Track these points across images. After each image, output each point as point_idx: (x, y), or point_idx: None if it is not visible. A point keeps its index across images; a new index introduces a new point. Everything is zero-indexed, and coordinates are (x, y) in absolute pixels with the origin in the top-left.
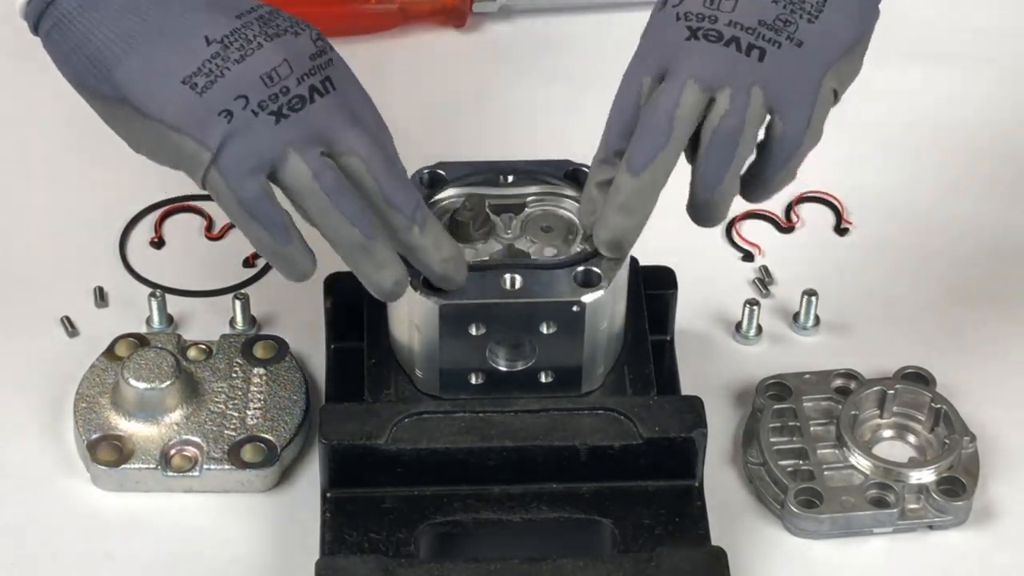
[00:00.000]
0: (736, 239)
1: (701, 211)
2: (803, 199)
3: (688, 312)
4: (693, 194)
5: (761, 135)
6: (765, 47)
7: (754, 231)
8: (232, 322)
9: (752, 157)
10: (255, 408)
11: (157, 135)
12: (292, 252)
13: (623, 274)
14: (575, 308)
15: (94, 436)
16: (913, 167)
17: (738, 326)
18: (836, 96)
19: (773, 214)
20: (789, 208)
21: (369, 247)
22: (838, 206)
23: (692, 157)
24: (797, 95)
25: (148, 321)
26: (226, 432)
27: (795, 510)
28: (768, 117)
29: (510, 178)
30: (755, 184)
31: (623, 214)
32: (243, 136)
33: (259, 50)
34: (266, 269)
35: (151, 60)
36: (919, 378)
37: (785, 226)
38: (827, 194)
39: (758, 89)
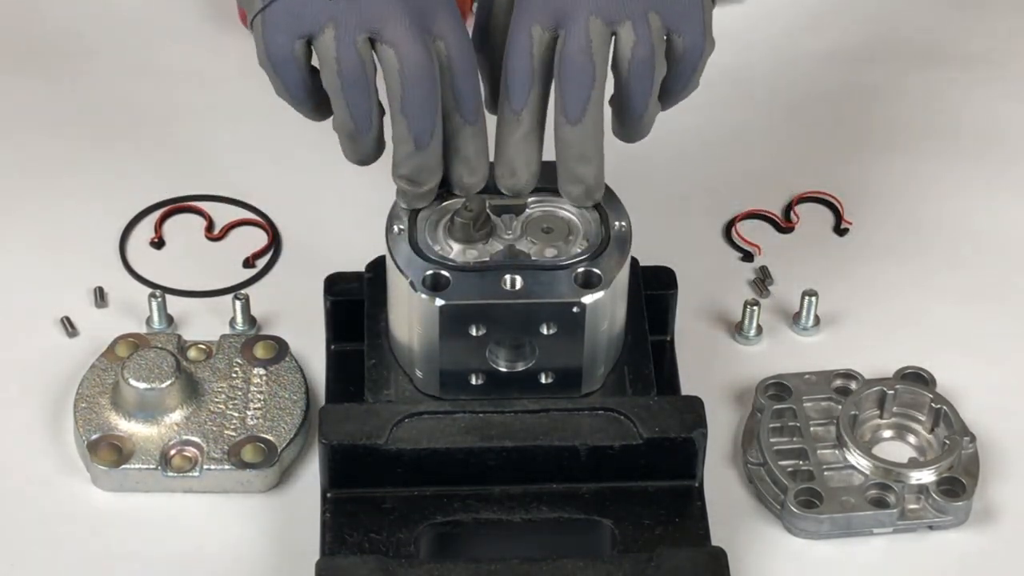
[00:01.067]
0: (736, 239)
1: (631, 133)
2: (803, 199)
3: (688, 312)
4: (622, 122)
5: None
6: None
7: (754, 231)
8: (232, 322)
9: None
10: (255, 408)
11: None
12: (311, 114)
13: (623, 275)
14: (575, 309)
15: (94, 436)
16: (914, 167)
17: (738, 326)
18: (713, 1)
19: (772, 214)
20: (789, 208)
21: (355, 137)
22: (838, 206)
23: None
24: (688, 10)
25: (148, 321)
26: (226, 432)
27: (795, 510)
28: (666, 37)
29: None
30: (666, 99)
31: (582, 163)
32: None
33: None
34: (266, 270)
35: None
36: (919, 378)
37: (785, 226)
38: (827, 194)
39: (654, 14)
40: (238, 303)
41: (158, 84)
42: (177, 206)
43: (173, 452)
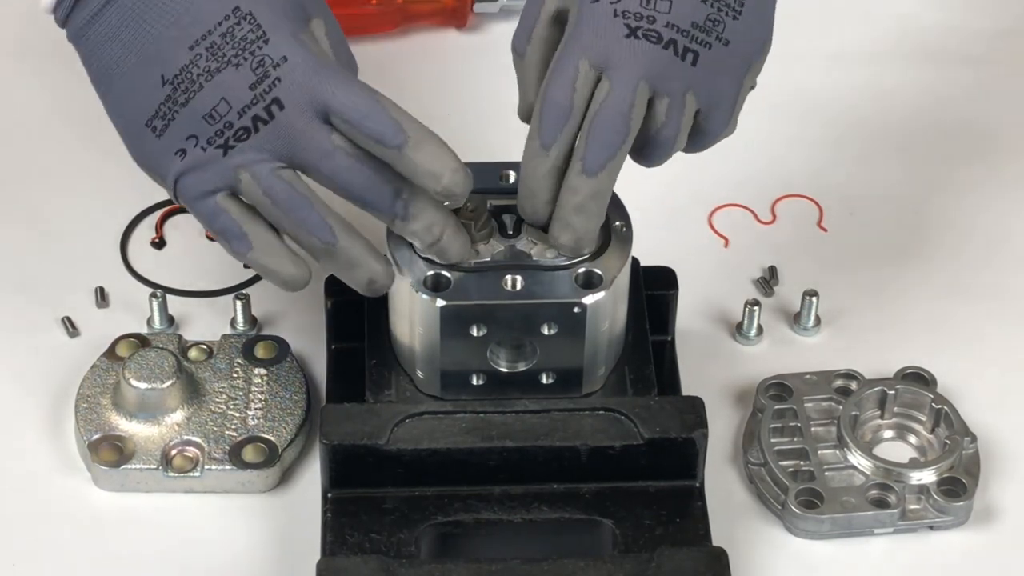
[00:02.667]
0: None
1: (643, 164)
2: (783, 198)
3: (689, 312)
4: (634, 160)
5: None
6: (698, 50)
7: (754, 232)
8: (233, 322)
9: None
10: (256, 408)
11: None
12: (260, 260)
13: (624, 275)
14: (576, 309)
15: (95, 436)
16: (914, 167)
17: (739, 326)
18: (752, 87)
19: (749, 208)
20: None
21: (332, 251)
22: (818, 207)
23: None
24: (724, 96)
25: (149, 321)
26: (227, 432)
27: (796, 510)
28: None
29: (512, 179)
30: (673, 153)
31: (582, 216)
32: (195, 170)
33: (200, 91)
34: None
35: (123, 96)
36: (920, 378)
37: (765, 223)
38: (806, 196)
39: (691, 96)
40: (239, 303)
41: None
42: (178, 206)
43: (174, 452)
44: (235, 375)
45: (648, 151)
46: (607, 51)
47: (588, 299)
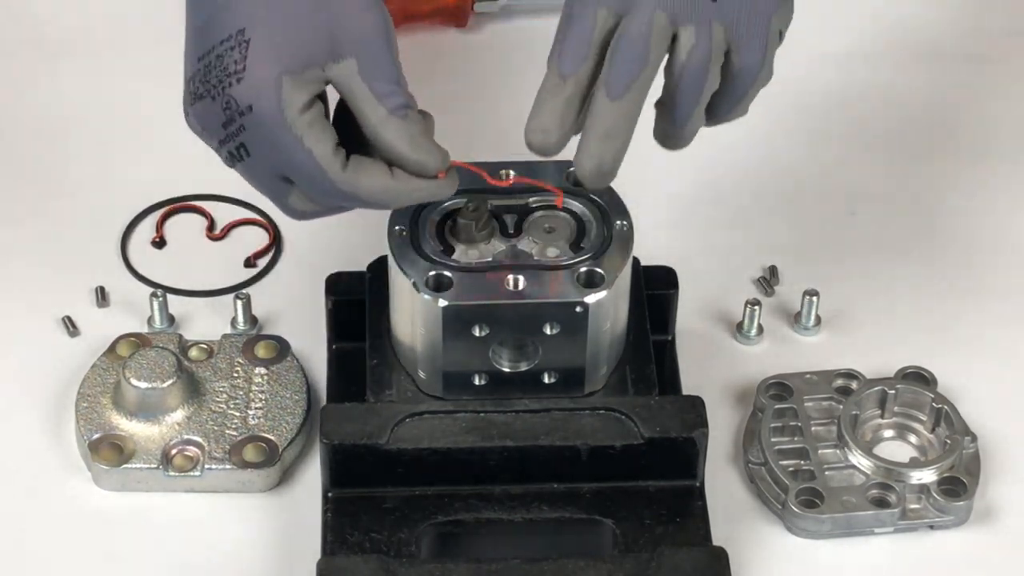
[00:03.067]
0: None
1: (671, 141)
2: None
3: (689, 312)
4: (665, 127)
5: None
6: None
7: (755, 231)
8: (233, 322)
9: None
10: (256, 408)
11: None
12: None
13: (625, 274)
14: (578, 309)
15: (95, 436)
16: (914, 167)
17: (739, 326)
18: (781, 36)
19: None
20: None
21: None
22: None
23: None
24: (753, 32)
25: (149, 321)
26: (227, 432)
27: (796, 510)
28: (725, 53)
29: (512, 178)
30: (711, 116)
31: (607, 140)
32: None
33: (193, 107)
34: (267, 269)
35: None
36: (920, 378)
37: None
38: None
39: (719, 25)
40: (239, 303)
41: (158, 84)
42: (178, 206)
43: (174, 452)
44: (235, 375)
45: (683, 87)
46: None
47: (590, 298)
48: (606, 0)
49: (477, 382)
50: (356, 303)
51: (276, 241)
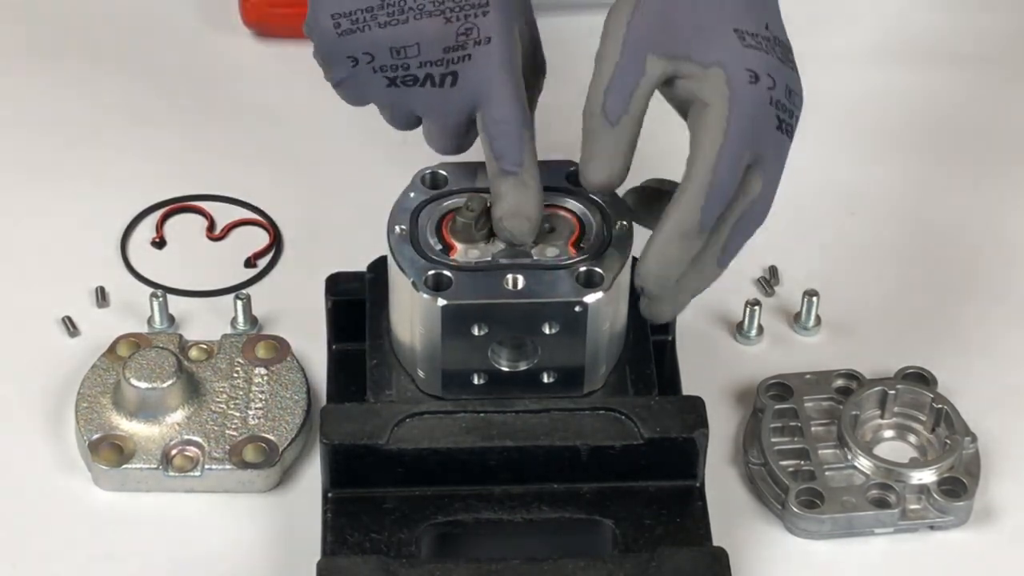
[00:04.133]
0: None
1: (703, 284)
2: None
3: (689, 312)
4: (705, 267)
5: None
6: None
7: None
8: (233, 322)
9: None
10: (256, 408)
11: None
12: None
13: (625, 274)
14: (577, 308)
15: (95, 436)
16: (914, 167)
17: (739, 326)
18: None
19: None
20: None
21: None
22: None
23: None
24: (779, 166)
25: (149, 321)
26: (227, 432)
27: (796, 510)
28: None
29: None
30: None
31: (690, 296)
32: (358, 83)
33: (401, 24)
34: (267, 269)
35: None
36: (920, 378)
37: None
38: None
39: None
40: (239, 303)
41: (158, 84)
42: (178, 206)
43: (174, 452)
44: (236, 375)
45: (750, 223)
46: (761, 142)
47: (589, 298)
48: (750, 142)
49: (476, 381)
50: (356, 303)
51: (276, 241)
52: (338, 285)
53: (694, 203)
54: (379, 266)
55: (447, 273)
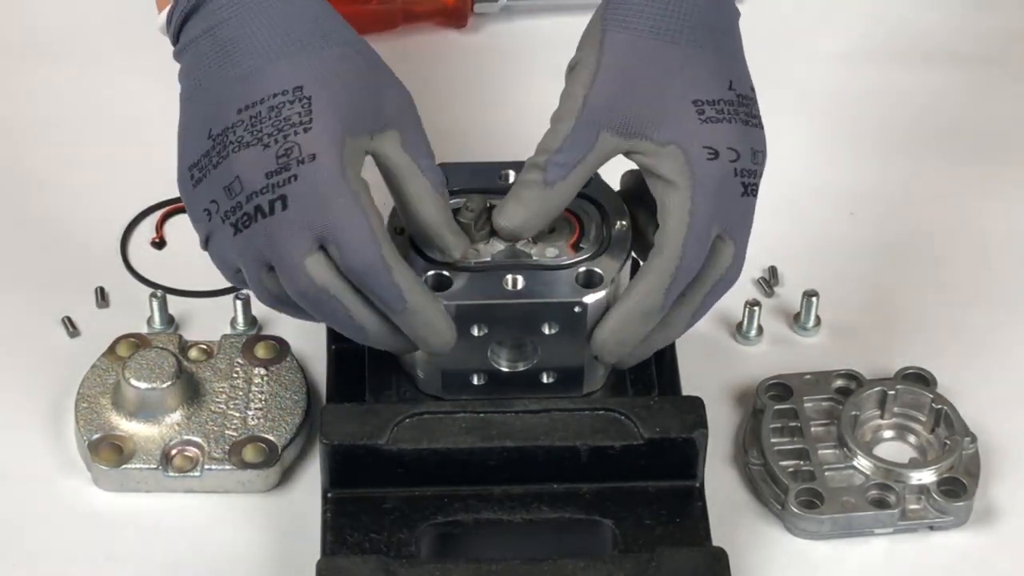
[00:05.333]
0: None
1: (671, 339)
2: None
3: None
4: (672, 327)
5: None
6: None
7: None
8: (233, 322)
9: None
10: (256, 408)
11: None
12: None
13: (624, 275)
14: (577, 309)
15: (95, 436)
16: (914, 167)
17: (739, 326)
18: None
19: None
20: None
21: (368, 336)
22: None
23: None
24: (747, 228)
25: (149, 321)
26: (227, 432)
27: (796, 510)
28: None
29: (511, 179)
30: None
31: (649, 350)
32: (216, 239)
33: (225, 160)
34: None
35: (184, 131)
36: (920, 379)
37: None
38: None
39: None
40: (239, 303)
41: (158, 84)
42: (178, 206)
43: (174, 452)
44: (235, 375)
45: (710, 299)
46: (729, 213)
47: (589, 298)
48: (717, 216)
49: (476, 382)
50: None
51: None
52: None
53: (658, 284)
54: None
55: (447, 273)
